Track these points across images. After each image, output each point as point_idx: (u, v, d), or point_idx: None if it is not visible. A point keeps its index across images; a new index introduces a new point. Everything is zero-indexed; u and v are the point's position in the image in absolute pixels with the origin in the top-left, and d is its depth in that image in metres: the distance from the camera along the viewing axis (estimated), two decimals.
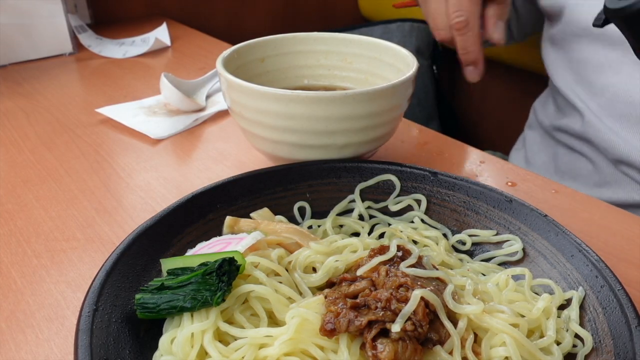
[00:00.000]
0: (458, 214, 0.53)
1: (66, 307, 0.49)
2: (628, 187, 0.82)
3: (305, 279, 0.45)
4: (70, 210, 0.62)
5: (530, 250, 0.48)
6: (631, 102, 0.77)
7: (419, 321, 0.37)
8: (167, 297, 0.40)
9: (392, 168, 0.56)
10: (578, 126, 0.87)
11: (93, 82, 1.00)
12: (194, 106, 0.85)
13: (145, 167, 0.71)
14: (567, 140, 0.92)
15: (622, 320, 0.39)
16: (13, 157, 0.73)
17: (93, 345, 0.36)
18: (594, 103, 0.83)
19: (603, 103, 0.81)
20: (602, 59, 0.81)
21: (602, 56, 0.80)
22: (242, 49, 0.67)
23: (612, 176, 0.84)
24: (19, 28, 1.03)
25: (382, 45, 0.69)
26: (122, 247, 0.44)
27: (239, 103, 0.58)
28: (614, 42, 0.78)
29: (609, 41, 0.79)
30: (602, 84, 0.81)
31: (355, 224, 0.54)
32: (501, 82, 1.72)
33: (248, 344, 0.39)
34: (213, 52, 1.15)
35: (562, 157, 0.94)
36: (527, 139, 1.05)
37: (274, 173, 0.55)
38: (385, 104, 0.57)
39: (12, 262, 0.54)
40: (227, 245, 0.45)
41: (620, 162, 0.81)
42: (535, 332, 0.42)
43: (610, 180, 0.84)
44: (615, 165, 0.83)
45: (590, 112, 0.83)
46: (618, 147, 0.79)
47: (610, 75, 0.80)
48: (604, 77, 0.81)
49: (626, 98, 0.78)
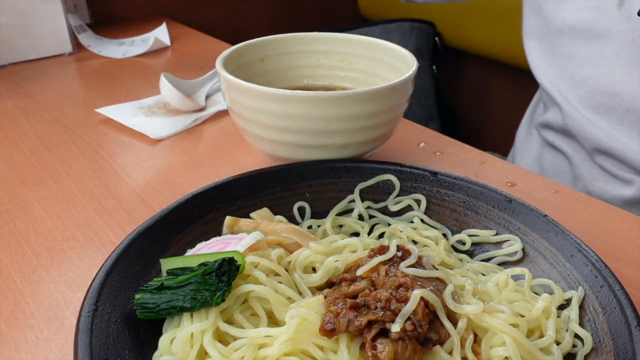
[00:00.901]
0: (458, 214, 0.53)
1: (66, 307, 0.49)
2: (602, 180, 0.85)
3: (305, 279, 0.45)
4: (70, 210, 0.62)
5: (530, 250, 0.48)
6: (608, 93, 0.80)
7: (418, 321, 0.37)
8: (167, 297, 0.40)
9: (391, 168, 0.56)
10: (559, 119, 0.89)
11: (93, 82, 1.00)
12: (194, 106, 0.85)
13: (145, 167, 0.71)
14: (549, 137, 0.94)
15: (621, 320, 0.39)
16: (13, 157, 0.73)
17: (93, 345, 0.36)
18: (573, 95, 0.85)
19: (582, 94, 0.84)
20: (582, 53, 0.83)
21: (583, 50, 0.83)
22: (241, 49, 0.67)
23: (587, 170, 0.87)
24: (19, 28, 1.03)
25: (382, 45, 0.69)
26: (122, 247, 0.44)
27: (238, 103, 0.58)
28: (595, 36, 0.80)
29: (590, 36, 0.81)
30: (582, 77, 0.84)
31: (355, 224, 0.54)
32: (501, 82, 1.72)
33: (248, 344, 0.39)
34: (213, 52, 1.15)
35: (546, 156, 0.96)
36: (517, 140, 1.07)
37: (273, 173, 0.55)
38: (385, 104, 0.57)
39: (12, 262, 0.54)
40: (226, 245, 0.45)
41: (597, 152, 0.84)
42: (535, 332, 0.42)
43: (585, 174, 0.87)
44: (592, 156, 0.85)
45: (568, 104, 0.86)
46: (595, 135, 0.82)
47: (590, 68, 0.82)
48: (585, 70, 0.83)
49: (604, 89, 0.80)
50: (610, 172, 0.83)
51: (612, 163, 0.83)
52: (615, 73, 0.79)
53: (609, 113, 0.81)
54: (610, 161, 0.83)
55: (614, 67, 0.79)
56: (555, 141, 0.93)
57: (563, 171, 0.93)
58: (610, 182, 0.84)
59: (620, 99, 0.79)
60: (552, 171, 0.95)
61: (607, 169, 0.84)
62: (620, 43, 0.77)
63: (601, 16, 0.79)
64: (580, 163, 0.88)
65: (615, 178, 0.83)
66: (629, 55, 0.77)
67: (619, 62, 0.78)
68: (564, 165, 0.93)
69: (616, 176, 0.83)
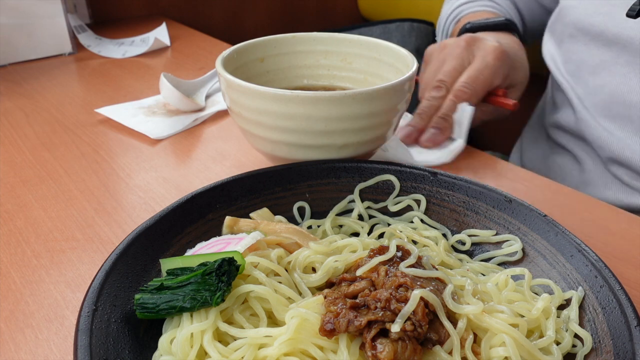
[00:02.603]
0: (457, 214, 0.53)
1: (65, 307, 0.49)
2: (614, 189, 0.83)
3: (304, 279, 0.45)
4: (70, 210, 0.62)
5: (530, 250, 0.48)
6: (625, 103, 0.78)
7: (418, 321, 0.37)
8: (167, 297, 0.40)
9: (391, 168, 0.56)
10: (571, 122, 0.88)
11: (92, 82, 1.00)
12: (194, 106, 0.85)
13: (145, 167, 0.71)
14: (560, 138, 0.93)
15: (621, 320, 0.39)
16: (12, 157, 0.73)
17: (92, 345, 0.36)
18: (589, 102, 0.84)
19: (598, 102, 0.82)
20: (596, 59, 0.82)
21: (597, 57, 0.81)
22: (241, 48, 0.67)
23: (600, 176, 0.85)
24: (19, 28, 1.03)
25: (382, 45, 0.69)
26: (122, 247, 0.44)
27: (238, 103, 0.58)
28: (609, 43, 0.79)
29: (603, 42, 0.80)
30: (597, 84, 0.82)
31: (355, 224, 0.54)
32: None
33: (247, 344, 0.39)
34: (212, 52, 1.15)
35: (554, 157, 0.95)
36: (524, 139, 1.06)
37: (273, 173, 0.55)
38: (385, 104, 0.57)
39: (12, 262, 0.54)
40: (226, 245, 0.45)
41: (612, 161, 0.82)
42: (535, 332, 0.42)
43: (597, 181, 0.86)
44: (606, 164, 0.83)
45: (585, 110, 0.84)
46: (611, 145, 0.80)
47: (604, 76, 0.81)
48: (599, 78, 0.82)
49: (620, 98, 0.79)
50: (624, 181, 0.81)
51: (627, 173, 0.81)
52: (631, 82, 0.77)
53: (625, 123, 0.79)
54: (625, 171, 0.81)
55: (630, 76, 0.77)
56: (566, 143, 0.91)
57: (571, 174, 0.91)
58: (623, 192, 0.82)
59: (637, 109, 0.76)
60: (560, 173, 0.93)
61: (621, 178, 0.82)
62: (633, 51, 0.76)
63: (611, 21, 0.77)
64: (593, 169, 0.86)
65: (629, 187, 0.81)
66: None
67: (634, 70, 0.76)
68: (573, 169, 0.90)
69: (630, 185, 0.81)
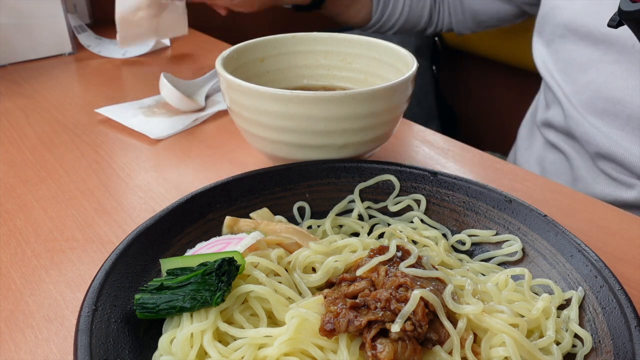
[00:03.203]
0: (457, 214, 0.53)
1: (65, 307, 0.49)
2: (603, 183, 0.85)
3: (304, 279, 0.45)
4: (70, 210, 0.62)
5: (530, 250, 0.48)
6: (611, 99, 0.80)
7: (418, 321, 0.37)
8: (167, 297, 0.40)
9: (391, 168, 0.56)
10: (561, 120, 0.90)
11: (92, 82, 1.00)
12: (194, 106, 0.85)
13: (145, 167, 0.71)
14: (551, 137, 0.94)
15: (621, 320, 0.39)
16: (12, 157, 0.73)
17: (92, 345, 0.36)
18: (576, 99, 0.85)
19: (585, 99, 0.84)
20: (585, 58, 0.83)
21: (586, 55, 0.83)
22: (241, 48, 0.67)
23: (588, 172, 0.87)
24: (19, 28, 1.03)
25: (382, 45, 0.69)
26: (122, 247, 0.44)
27: (238, 103, 0.58)
28: (597, 41, 0.80)
29: (592, 41, 0.81)
30: (585, 82, 0.84)
31: (355, 224, 0.54)
32: (501, 82, 1.72)
33: (247, 344, 0.39)
34: (212, 52, 1.15)
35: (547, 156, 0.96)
36: (518, 139, 1.07)
37: (273, 173, 0.55)
38: (385, 104, 0.57)
39: (12, 262, 0.54)
40: (226, 245, 0.45)
41: (599, 156, 0.84)
42: (535, 332, 0.42)
43: (586, 176, 0.87)
44: (594, 160, 0.85)
45: (572, 108, 0.86)
46: (598, 140, 0.82)
47: (592, 73, 0.82)
48: (587, 75, 0.83)
49: (606, 95, 0.80)
50: (612, 176, 0.83)
51: (614, 167, 0.83)
52: (617, 79, 0.79)
53: (612, 119, 0.81)
54: (612, 165, 0.83)
55: (616, 73, 0.79)
56: (557, 141, 0.93)
57: (564, 172, 0.93)
58: (611, 186, 0.84)
59: (622, 106, 0.79)
60: (553, 171, 0.95)
61: (609, 173, 0.84)
62: (620, 49, 0.77)
63: (599, 21, 0.79)
64: (582, 165, 0.88)
65: (617, 182, 0.83)
66: (630, 61, 0.76)
67: (620, 68, 0.78)
68: (564, 166, 0.93)
69: (617, 180, 0.83)
